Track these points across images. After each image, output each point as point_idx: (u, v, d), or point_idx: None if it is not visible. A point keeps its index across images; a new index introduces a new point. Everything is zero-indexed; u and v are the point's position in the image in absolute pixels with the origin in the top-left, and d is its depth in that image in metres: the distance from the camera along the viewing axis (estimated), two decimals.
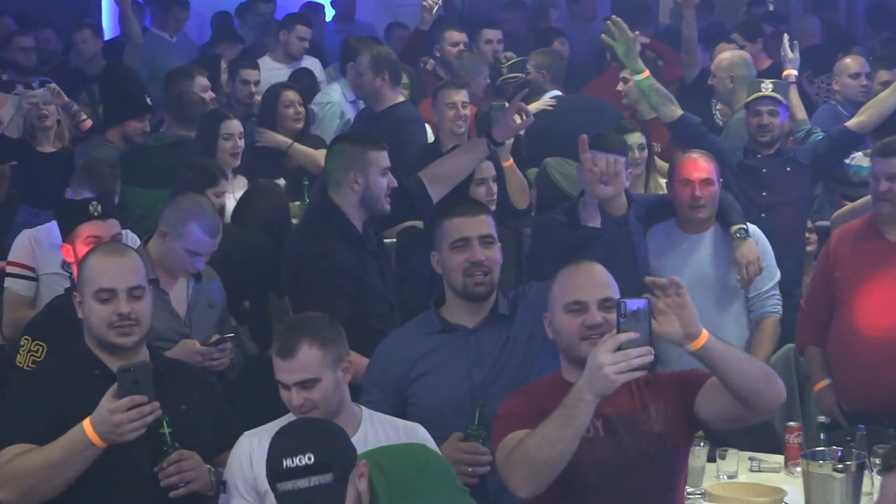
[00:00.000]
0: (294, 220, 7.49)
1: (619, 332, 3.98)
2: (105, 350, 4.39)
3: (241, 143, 7.76)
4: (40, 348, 5.49)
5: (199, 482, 4.45)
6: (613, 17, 7.71)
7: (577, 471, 4.16)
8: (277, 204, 7.56)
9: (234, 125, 7.77)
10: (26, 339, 5.52)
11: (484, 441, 4.69)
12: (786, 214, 7.41)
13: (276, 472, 3.88)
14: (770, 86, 7.65)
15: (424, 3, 10.12)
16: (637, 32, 7.59)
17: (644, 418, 4.29)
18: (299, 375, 4.45)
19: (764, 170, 7.48)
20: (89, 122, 9.06)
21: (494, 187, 6.53)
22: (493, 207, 6.34)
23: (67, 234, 5.66)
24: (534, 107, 8.35)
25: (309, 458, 3.85)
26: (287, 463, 3.85)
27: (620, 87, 8.95)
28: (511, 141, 7.55)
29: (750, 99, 7.68)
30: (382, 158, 6.11)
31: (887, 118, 7.76)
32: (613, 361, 3.92)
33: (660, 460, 4.30)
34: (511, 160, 7.62)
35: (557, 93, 8.76)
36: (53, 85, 8.96)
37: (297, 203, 8.09)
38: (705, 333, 4.11)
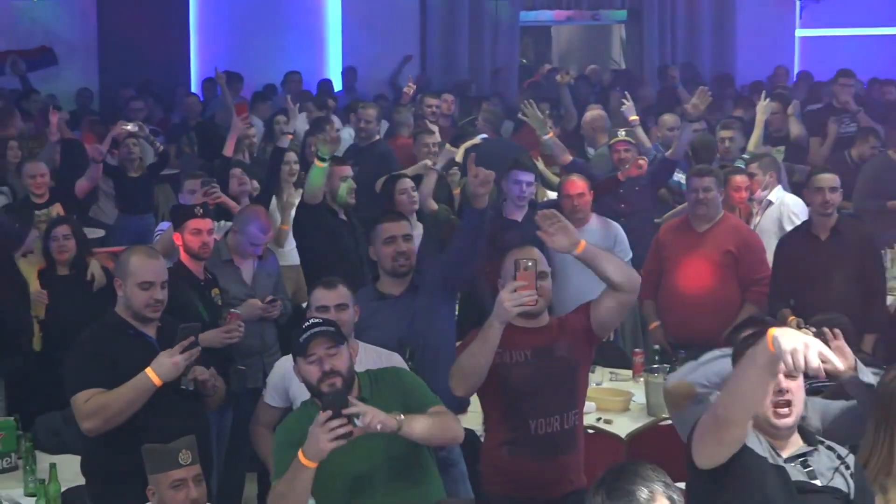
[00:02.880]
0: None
1: (515, 280, 3.92)
2: (136, 319, 4.25)
3: (296, 167, 7.32)
4: None
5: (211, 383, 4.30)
6: (528, 100, 7.70)
7: (513, 385, 4.15)
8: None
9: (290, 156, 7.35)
10: None
11: (414, 370, 4.37)
12: (639, 218, 7.26)
13: (302, 328, 3.75)
14: (623, 132, 7.59)
15: (405, 89, 10.38)
16: (547, 111, 7.52)
17: (555, 348, 4.22)
18: (339, 300, 4.44)
19: (621, 190, 7.25)
20: (161, 148, 9.06)
21: (414, 195, 6.35)
22: (416, 208, 6.27)
23: (178, 226, 5.45)
24: (468, 144, 8.32)
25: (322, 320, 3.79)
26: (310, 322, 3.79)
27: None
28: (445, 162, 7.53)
29: (612, 141, 7.57)
30: (343, 170, 6.23)
31: (698, 152, 7.73)
32: (511, 299, 3.87)
33: (566, 375, 4.24)
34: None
35: (484, 135, 8.70)
36: (140, 122, 8.98)
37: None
38: (583, 243, 4.05)
